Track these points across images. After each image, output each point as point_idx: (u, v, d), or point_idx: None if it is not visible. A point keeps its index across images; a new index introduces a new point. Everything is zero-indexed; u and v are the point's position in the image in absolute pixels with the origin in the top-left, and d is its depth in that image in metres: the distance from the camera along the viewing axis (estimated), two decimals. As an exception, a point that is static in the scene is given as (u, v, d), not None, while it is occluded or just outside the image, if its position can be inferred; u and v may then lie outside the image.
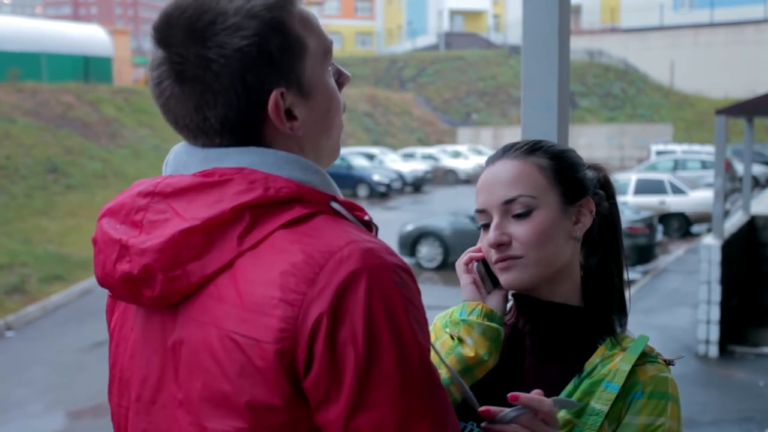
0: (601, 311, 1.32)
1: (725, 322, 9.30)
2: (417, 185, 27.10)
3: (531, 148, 1.32)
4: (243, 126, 1.04)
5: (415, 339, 0.94)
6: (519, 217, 1.28)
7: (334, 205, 1.02)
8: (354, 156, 26.79)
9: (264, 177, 1.00)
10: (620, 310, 1.34)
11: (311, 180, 1.03)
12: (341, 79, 1.13)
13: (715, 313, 9.16)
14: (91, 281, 13.41)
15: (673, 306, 11.49)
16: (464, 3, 57.07)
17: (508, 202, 1.28)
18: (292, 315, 0.92)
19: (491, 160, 1.35)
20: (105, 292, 1.19)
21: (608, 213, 1.36)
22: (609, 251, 1.36)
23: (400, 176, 26.33)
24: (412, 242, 14.25)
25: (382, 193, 25.04)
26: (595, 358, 1.27)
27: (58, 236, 15.31)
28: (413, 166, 27.92)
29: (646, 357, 1.26)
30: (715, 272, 9.17)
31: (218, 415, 0.96)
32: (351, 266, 0.93)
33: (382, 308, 0.92)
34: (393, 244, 14.48)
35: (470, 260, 1.37)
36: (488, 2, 57.69)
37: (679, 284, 12.90)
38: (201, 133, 1.05)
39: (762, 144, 28.52)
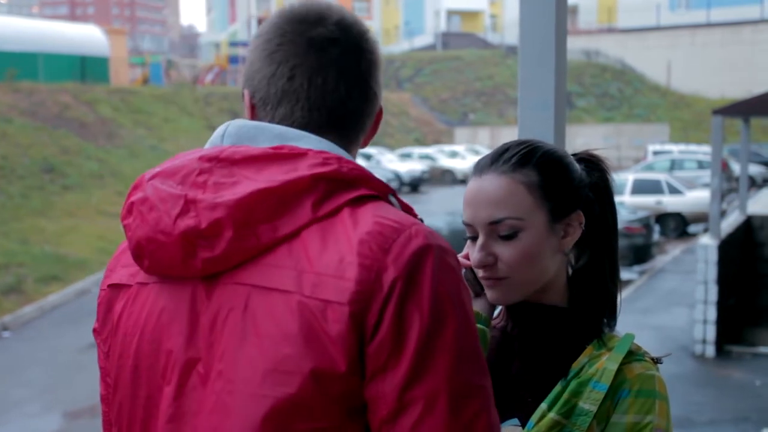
0: (591, 314, 1.31)
1: (722, 322, 9.31)
2: (414, 185, 27.10)
3: (520, 161, 1.28)
4: (349, 118, 1.12)
5: (471, 318, 0.99)
6: (505, 238, 1.26)
7: (393, 200, 1.06)
8: (351, 156, 26.78)
9: (337, 157, 1.03)
10: (611, 313, 1.33)
11: None
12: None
13: (712, 313, 9.18)
14: (88, 281, 13.39)
15: (670, 306, 11.51)
16: (461, 3, 57.09)
17: (494, 223, 1.26)
18: (368, 278, 0.95)
19: (479, 170, 1.31)
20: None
21: (600, 215, 1.33)
22: (601, 252, 1.33)
23: (398, 176, 26.31)
24: (409, 242, 14.22)
25: (379, 193, 25.02)
26: (582, 358, 1.27)
27: (55, 236, 15.28)
28: (410, 166, 27.92)
29: (632, 355, 1.26)
30: (712, 272, 9.18)
31: (272, 382, 0.95)
32: (420, 242, 0.98)
33: (447, 283, 0.97)
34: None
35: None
36: (485, 2, 57.71)
37: (676, 284, 12.91)
38: (308, 105, 1.09)
39: (758, 144, 28.54)
